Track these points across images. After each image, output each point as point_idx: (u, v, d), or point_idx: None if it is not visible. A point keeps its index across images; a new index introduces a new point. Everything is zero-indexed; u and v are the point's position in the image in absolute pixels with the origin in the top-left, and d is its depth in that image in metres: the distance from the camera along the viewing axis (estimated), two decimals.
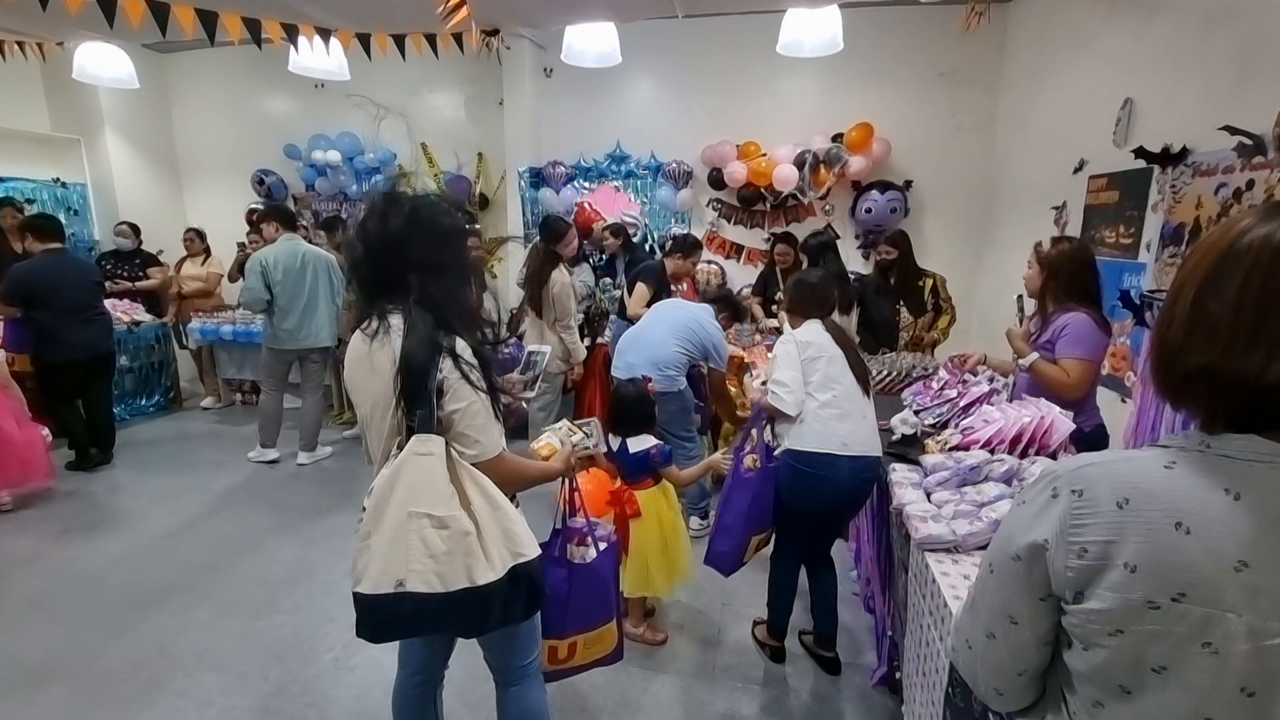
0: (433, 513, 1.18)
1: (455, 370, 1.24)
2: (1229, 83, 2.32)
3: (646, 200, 5.46)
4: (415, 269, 1.28)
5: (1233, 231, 0.62)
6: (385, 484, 1.21)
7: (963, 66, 4.66)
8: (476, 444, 1.27)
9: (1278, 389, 0.58)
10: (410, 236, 1.28)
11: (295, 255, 4.00)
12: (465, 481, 1.24)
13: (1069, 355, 2.09)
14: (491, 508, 1.25)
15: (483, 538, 1.22)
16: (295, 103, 6.12)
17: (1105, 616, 0.64)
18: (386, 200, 1.31)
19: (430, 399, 1.22)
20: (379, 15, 3.64)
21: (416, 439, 1.21)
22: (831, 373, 2.13)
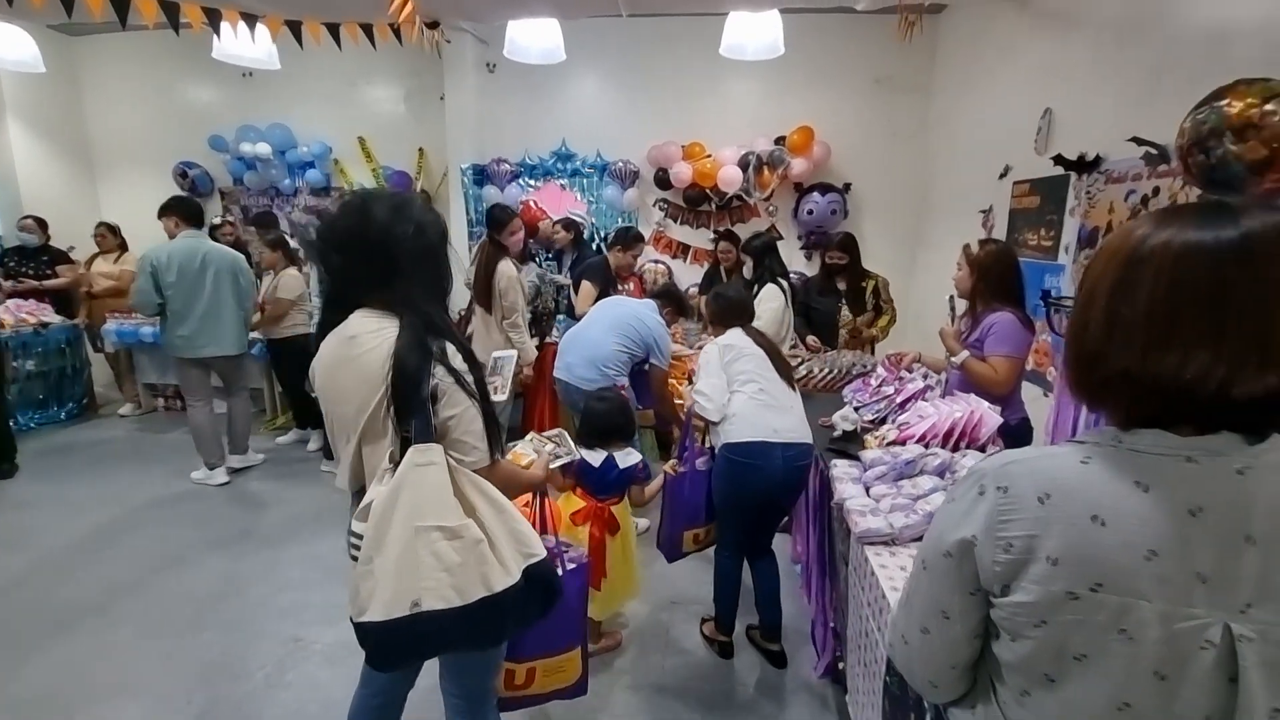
0: (443, 524, 1.14)
1: (449, 375, 1.19)
2: (1138, 96, 2.48)
3: (593, 199, 5.44)
4: (401, 270, 1.23)
5: (1133, 237, 0.65)
6: (385, 501, 1.13)
7: (897, 74, 4.84)
8: (476, 450, 1.23)
9: (1190, 388, 0.62)
10: (396, 236, 1.22)
11: (194, 255, 3.61)
12: (467, 488, 1.20)
13: (997, 353, 2.20)
14: (497, 511, 1.21)
15: (494, 543, 1.19)
16: (221, 92, 5.81)
17: (1030, 608, 0.67)
18: (367, 198, 1.26)
19: (426, 406, 1.17)
20: (311, 2, 3.48)
21: (415, 450, 1.15)
22: (755, 368, 2.25)
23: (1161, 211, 0.67)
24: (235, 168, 5.81)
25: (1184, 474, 0.63)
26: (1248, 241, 0.59)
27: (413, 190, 5.62)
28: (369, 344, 1.21)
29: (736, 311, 2.44)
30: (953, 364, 2.34)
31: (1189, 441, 0.63)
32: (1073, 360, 0.71)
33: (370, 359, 1.20)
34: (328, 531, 3.31)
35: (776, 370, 2.29)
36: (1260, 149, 1.70)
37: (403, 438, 1.18)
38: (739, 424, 2.18)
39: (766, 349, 2.32)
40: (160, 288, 3.56)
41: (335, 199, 5.84)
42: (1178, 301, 0.62)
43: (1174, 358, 0.62)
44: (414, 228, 1.24)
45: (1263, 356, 0.59)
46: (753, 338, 2.35)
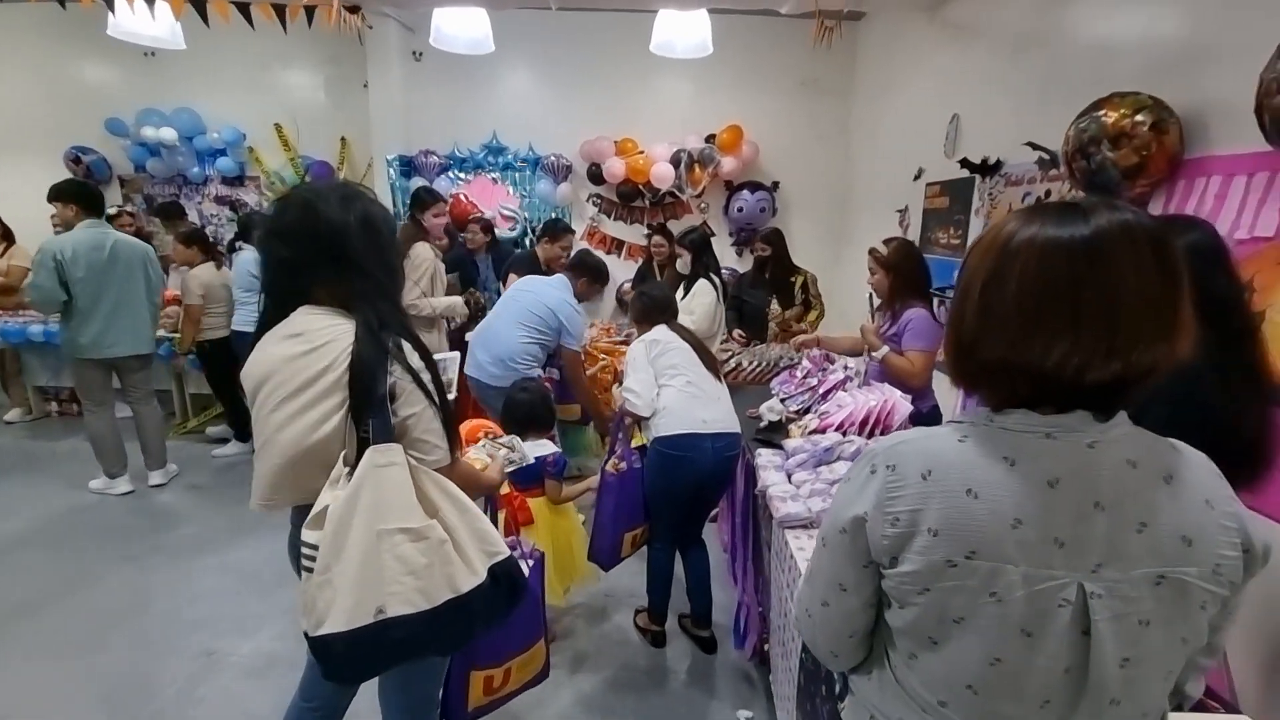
0: (407, 526, 1.10)
1: (406, 374, 1.16)
2: (1032, 105, 2.67)
3: (526, 194, 5.37)
4: (353, 265, 1.19)
5: (1003, 233, 0.71)
6: (344, 506, 1.09)
7: (821, 77, 5.01)
8: (437, 449, 1.21)
9: (1053, 375, 0.68)
10: (348, 229, 1.18)
11: (100, 247, 3.32)
12: (430, 488, 1.17)
13: (913, 348, 2.34)
14: (460, 511, 1.19)
15: (459, 543, 1.16)
16: (120, 72, 5.38)
17: (915, 577, 0.72)
18: (317, 189, 1.22)
19: (384, 405, 1.13)
20: None
21: (374, 451, 1.11)
22: (682, 361, 2.31)
23: (1028, 209, 0.73)
24: (137, 154, 5.41)
25: (1044, 449, 0.70)
26: (1096, 239, 0.66)
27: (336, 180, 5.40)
28: (317, 340, 1.16)
29: (661, 309, 2.49)
30: (874, 358, 2.47)
31: (1048, 420, 0.70)
32: (952, 349, 0.76)
33: (319, 357, 1.15)
34: (245, 539, 3.15)
35: (703, 363, 2.34)
36: (1132, 156, 1.88)
37: (359, 439, 1.14)
38: (668, 417, 2.23)
39: (692, 344, 2.38)
40: (66, 283, 3.25)
41: (258, 189, 5.54)
42: (1041, 295, 0.67)
43: (1039, 347, 0.67)
44: (365, 221, 1.21)
45: (1110, 346, 0.66)
46: (678, 333, 2.40)
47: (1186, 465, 0.72)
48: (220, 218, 5.65)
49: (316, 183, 1.24)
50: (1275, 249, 1.59)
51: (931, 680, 0.76)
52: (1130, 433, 0.71)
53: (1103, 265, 0.66)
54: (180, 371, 4.54)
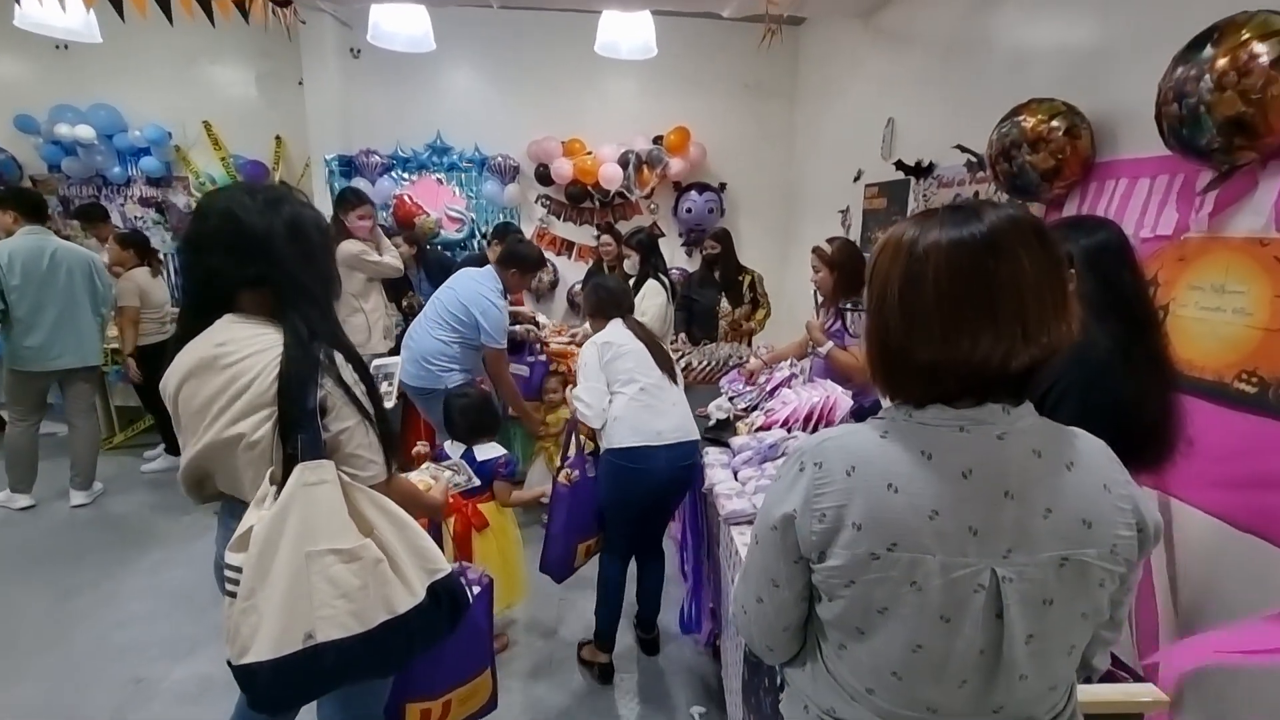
0: (337, 547, 1.05)
1: (338, 387, 1.11)
2: (960, 110, 2.79)
3: (473, 195, 5.28)
4: (280, 271, 1.14)
5: (905, 239, 0.74)
6: (270, 527, 1.03)
7: (765, 80, 5.10)
8: (371, 464, 1.16)
9: (980, 367, 0.71)
10: (274, 233, 1.13)
11: (41, 253, 3.22)
12: (364, 505, 1.11)
13: (857, 344, 2.41)
14: (398, 528, 1.14)
15: (395, 562, 1.11)
16: (30, 66, 5.04)
17: (841, 571, 0.75)
18: (238, 191, 1.17)
19: (314, 420, 1.08)
20: None
21: (303, 468, 1.06)
22: (636, 365, 2.20)
23: (919, 215, 0.76)
24: (50, 153, 5.07)
25: (957, 441, 0.73)
26: (993, 234, 0.70)
27: (269, 181, 5.19)
28: (242, 351, 1.11)
29: (616, 303, 2.38)
30: (819, 354, 2.54)
31: (961, 413, 0.73)
32: (878, 357, 0.78)
33: (244, 368, 1.10)
34: (176, 557, 3.00)
35: (658, 364, 2.25)
36: (1049, 159, 1.98)
37: (286, 455, 1.08)
38: (621, 428, 2.14)
39: (646, 341, 2.28)
40: (3, 292, 3.12)
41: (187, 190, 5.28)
42: (959, 292, 0.70)
43: (967, 342, 0.70)
44: (293, 226, 1.16)
45: (1024, 332, 0.70)
46: (633, 330, 2.30)
47: (1085, 452, 0.76)
48: (146, 220, 5.36)
49: (240, 185, 1.19)
50: (1176, 246, 1.70)
51: (859, 669, 0.79)
52: (1035, 423, 0.75)
53: (1004, 257, 0.69)
54: (103, 386, 4.30)
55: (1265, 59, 1.33)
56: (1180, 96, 1.48)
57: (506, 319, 2.96)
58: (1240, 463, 1.51)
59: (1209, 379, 1.59)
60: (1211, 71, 1.40)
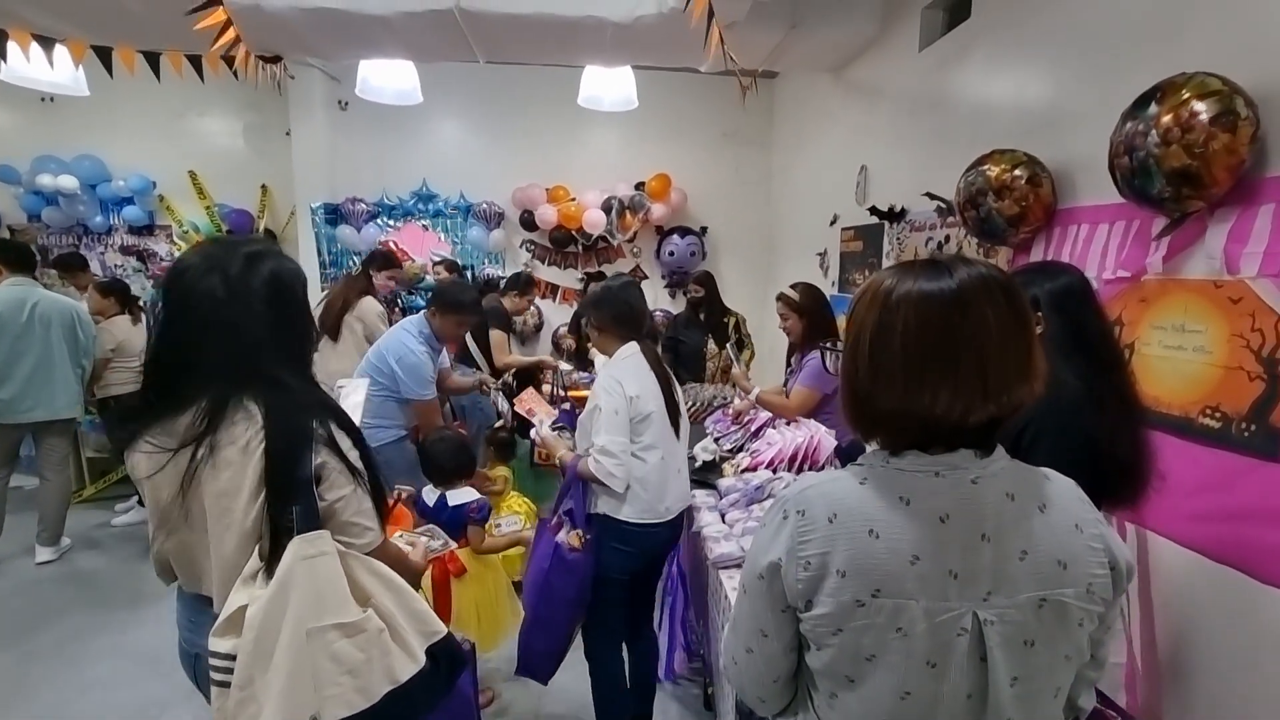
0: (341, 621, 1.00)
1: (333, 454, 1.07)
2: (928, 158, 2.91)
3: (458, 240, 5.35)
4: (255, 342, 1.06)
5: (882, 288, 0.77)
6: (269, 607, 0.97)
7: (741, 128, 5.28)
8: (369, 531, 1.12)
9: (940, 420, 0.74)
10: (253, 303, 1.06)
11: (21, 305, 3.22)
12: (361, 574, 1.07)
13: (800, 385, 2.54)
14: (395, 593, 1.10)
15: (396, 629, 1.07)
16: (13, 118, 5.08)
17: (828, 619, 0.75)
18: (197, 267, 1.06)
19: (310, 490, 1.03)
20: (124, 29, 3.17)
21: (301, 541, 1.00)
22: (660, 429, 1.91)
23: (900, 265, 0.80)
24: (31, 203, 5.07)
25: (934, 486, 0.75)
26: (961, 290, 0.73)
27: (254, 229, 5.22)
28: (232, 438, 1.05)
29: (638, 321, 1.99)
30: (750, 399, 2.67)
31: (936, 459, 0.76)
32: (848, 401, 0.81)
33: (230, 452, 1.04)
34: (145, 615, 2.89)
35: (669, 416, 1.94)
36: (1014, 206, 2.07)
37: (283, 530, 1.02)
38: (632, 500, 1.86)
39: (662, 380, 1.95)
40: None
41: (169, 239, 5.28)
42: (924, 346, 0.73)
43: (926, 396, 0.73)
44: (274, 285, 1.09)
45: (984, 390, 0.73)
46: (652, 364, 1.94)
47: (1056, 493, 0.79)
48: (126, 268, 5.34)
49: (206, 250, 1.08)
50: (1136, 288, 1.78)
51: (850, 717, 0.79)
52: (1007, 466, 0.78)
53: (971, 314, 0.72)
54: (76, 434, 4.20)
55: (1205, 116, 1.42)
56: (1130, 150, 1.57)
57: (429, 368, 2.67)
58: (1211, 496, 1.55)
59: (1176, 414, 1.64)
60: (1157, 127, 1.50)
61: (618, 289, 2.04)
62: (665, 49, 3.26)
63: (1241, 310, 1.49)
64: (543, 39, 3.23)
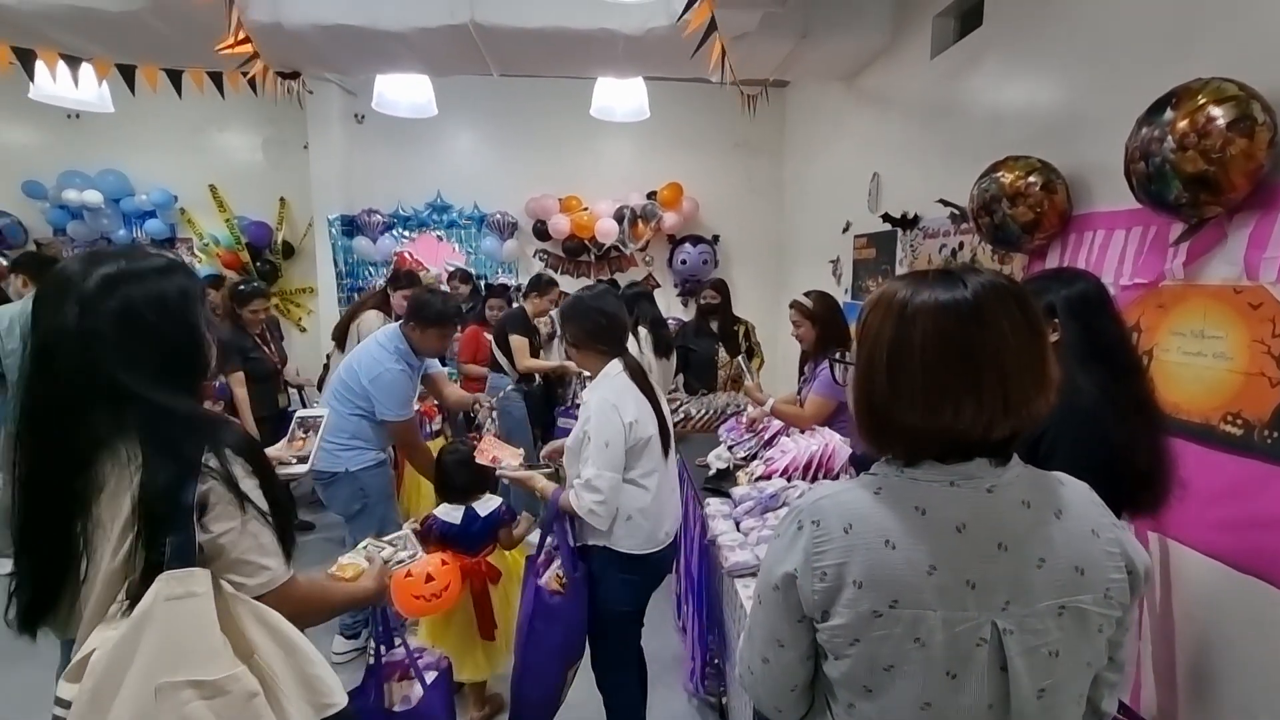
0: (200, 678, 0.85)
1: (221, 482, 0.92)
2: (941, 165, 2.91)
3: (472, 250, 5.41)
4: (128, 372, 0.92)
5: (896, 299, 0.76)
6: (116, 652, 0.83)
7: (753, 138, 5.30)
8: (263, 570, 0.96)
9: (967, 433, 0.73)
10: (103, 342, 0.92)
11: None
12: (246, 621, 0.91)
13: (814, 394, 2.51)
14: (286, 652, 0.94)
15: (276, 695, 0.91)
16: (40, 134, 5.22)
17: (845, 629, 0.75)
18: (52, 307, 0.94)
19: (187, 520, 0.89)
20: (148, 48, 3.25)
21: (167, 579, 0.86)
22: (657, 454, 1.84)
23: (911, 274, 0.79)
24: (56, 217, 5.19)
25: (950, 496, 0.75)
26: (977, 301, 0.73)
27: (273, 241, 5.32)
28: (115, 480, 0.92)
29: (618, 335, 1.91)
30: (765, 411, 2.65)
31: (952, 469, 0.76)
32: (865, 416, 0.80)
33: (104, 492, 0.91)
34: None
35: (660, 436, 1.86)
36: (1028, 213, 2.06)
37: (149, 564, 0.88)
38: (635, 530, 1.79)
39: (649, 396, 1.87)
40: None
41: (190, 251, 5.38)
42: (944, 361, 0.73)
43: (948, 412, 0.72)
44: (122, 316, 0.94)
45: (1006, 403, 0.72)
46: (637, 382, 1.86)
47: (1071, 499, 0.78)
48: None
49: (45, 289, 0.96)
50: (1154, 294, 1.76)
51: None
52: (1022, 474, 0.78)
53: (989, 326, 0.72)
54: None
55: (1222, 121, 1.41)
56: (1146, 155, 1.56)
57: (407, 386, 2.49)
58: (1233, 504, 1.53)
59: (1196, 421, 1.62)
60: (1173, 133, 1.49)
61: (590, 299, 1.93)
62: (677, 60, 3.29)
63: (1262, 315, 1.47)
64: (555, 51, 3.27)
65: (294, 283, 5.55)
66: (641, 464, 1.79)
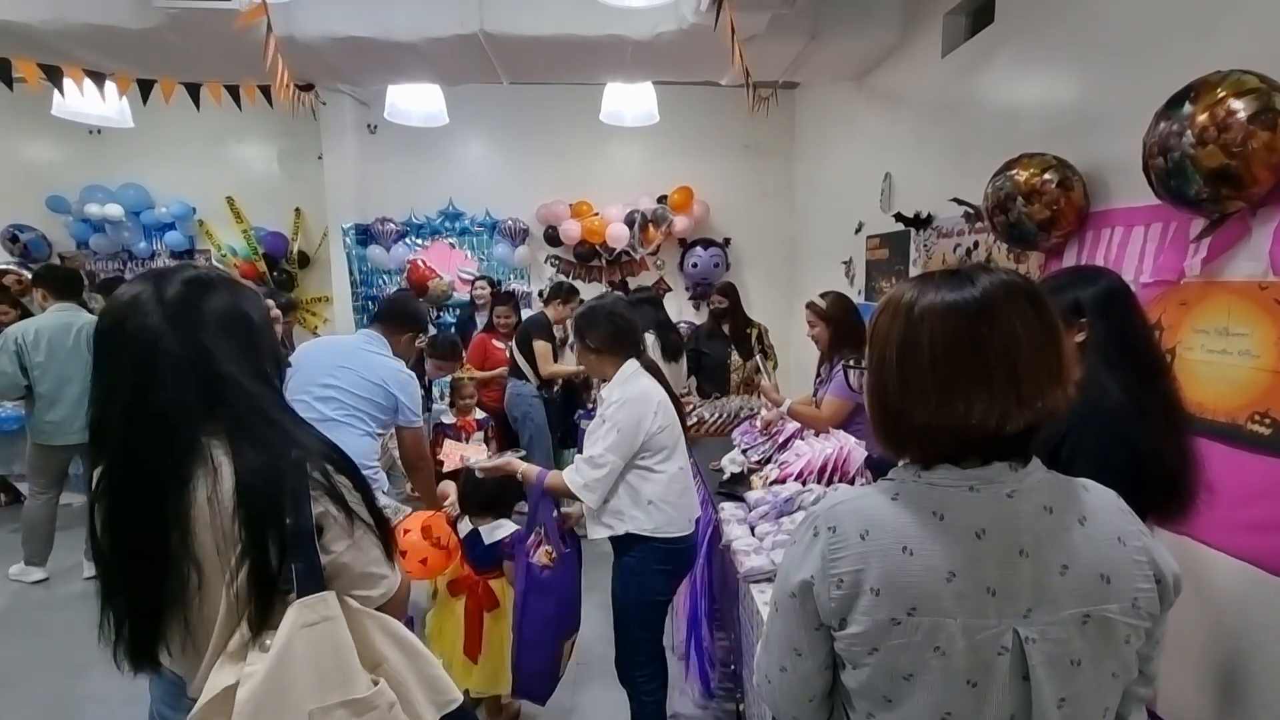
0: (350, 697, 0.87)
1: (333, 500, 0.91)
2: (954, 164, 2.88)
3: (484, 257, 5.44)
4: (226, 374, 0.90)
5: (904, 301, 0.76)
6: (265, 688, 0.82)
7: (763, 140, 5.29)
8: (383, 580, 0.96)
9: (976, 430, 0.72)
10: (210, 339, 0.90)
11: (67, 330, 3.31)
12: (374, 635, 0.93)
13: (831, 395, 2.48)
14: (410, 658, 0.96)
15: (409, 699, 0.94)
16: (63, 150, 5.34)
17: (863, 638, 0.74)
18: (140, 310, 0.89)
19: (311, 544, 0.88)
20: (167, 64, 3.32)
21: (301, 606, 0.85)
22: (677, 440, 1.92)
23: (919, 277, 0.79)
24: (79, 230, 5.31)
25: (969, 501, 0.74)
26: (986, 299, 0.72)
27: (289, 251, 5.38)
28: (205, 485, 0.88)
29: (635, 338, 1.98)
30: (781, 412, 2.62)
31: (970, 473, 0.75)
32: (879, 418, 0.80)
33: (203, 505, 0.87)
34: None
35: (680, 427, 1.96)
36: (1044, 210, 2.03)
37: (270, 596, 0.87)
38: (667, 513, 1.85)
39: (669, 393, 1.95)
40: (26, 368, 3.22)
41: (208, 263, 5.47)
42: (953, 356, 0.73)
43: (960, 406, 0.72)
44: (223, 316, 0.93)
45: (1019, 396, 0.72)
46: (658, 379, 1.95)
47: (1096, 505, 0.77)
48: None
49: (134, 287, 0.92)
50: (1177, 290, 1.73)
51: None
52: (1044, 479, 0.76)
53: (999, 324, 0.72)
54: None
55: (1243, 114, 1.38)
56: (1165, 150, 1.53)
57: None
58: (1263, 506, 1.49)
59: (1222, 421, 1.59)
60: (1193, 127, 1.46)
61: (605, 306, 1.98)
62: (686, 64, 3.29)
63: None
64: (564, 58, 3.29)
65: (310, 292, 5.61)
66: (661, 450, 1.86)
